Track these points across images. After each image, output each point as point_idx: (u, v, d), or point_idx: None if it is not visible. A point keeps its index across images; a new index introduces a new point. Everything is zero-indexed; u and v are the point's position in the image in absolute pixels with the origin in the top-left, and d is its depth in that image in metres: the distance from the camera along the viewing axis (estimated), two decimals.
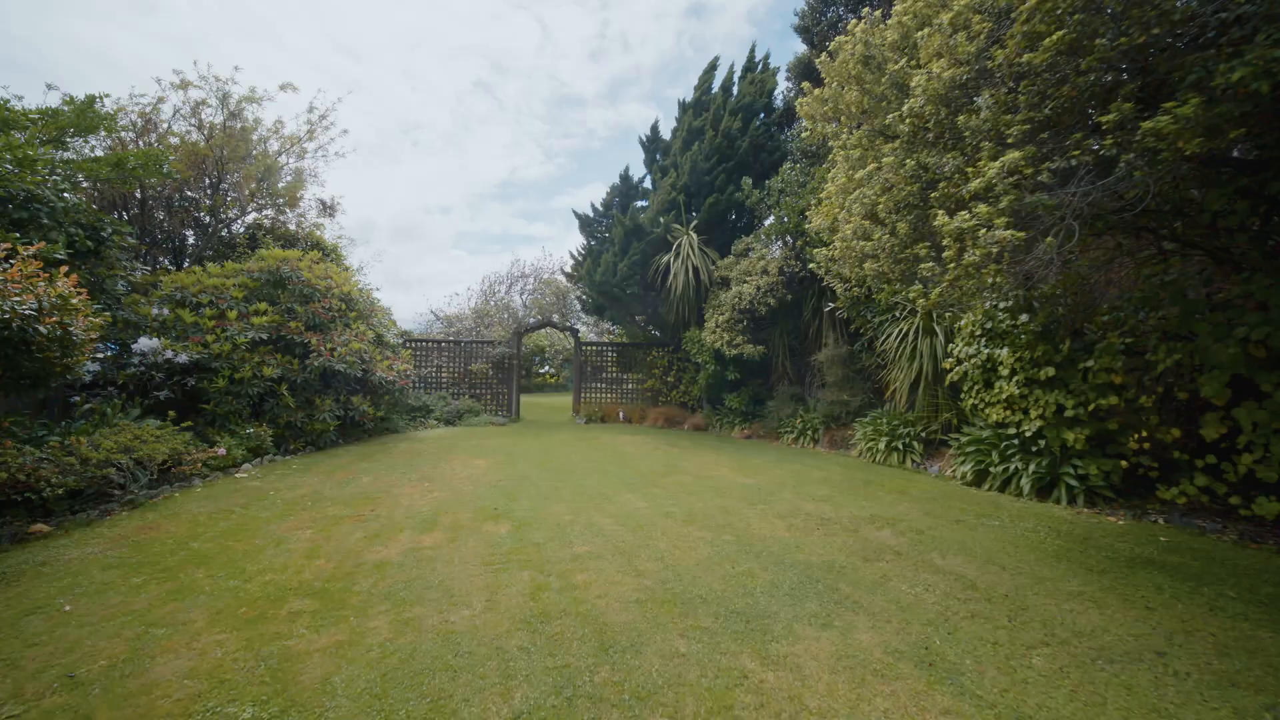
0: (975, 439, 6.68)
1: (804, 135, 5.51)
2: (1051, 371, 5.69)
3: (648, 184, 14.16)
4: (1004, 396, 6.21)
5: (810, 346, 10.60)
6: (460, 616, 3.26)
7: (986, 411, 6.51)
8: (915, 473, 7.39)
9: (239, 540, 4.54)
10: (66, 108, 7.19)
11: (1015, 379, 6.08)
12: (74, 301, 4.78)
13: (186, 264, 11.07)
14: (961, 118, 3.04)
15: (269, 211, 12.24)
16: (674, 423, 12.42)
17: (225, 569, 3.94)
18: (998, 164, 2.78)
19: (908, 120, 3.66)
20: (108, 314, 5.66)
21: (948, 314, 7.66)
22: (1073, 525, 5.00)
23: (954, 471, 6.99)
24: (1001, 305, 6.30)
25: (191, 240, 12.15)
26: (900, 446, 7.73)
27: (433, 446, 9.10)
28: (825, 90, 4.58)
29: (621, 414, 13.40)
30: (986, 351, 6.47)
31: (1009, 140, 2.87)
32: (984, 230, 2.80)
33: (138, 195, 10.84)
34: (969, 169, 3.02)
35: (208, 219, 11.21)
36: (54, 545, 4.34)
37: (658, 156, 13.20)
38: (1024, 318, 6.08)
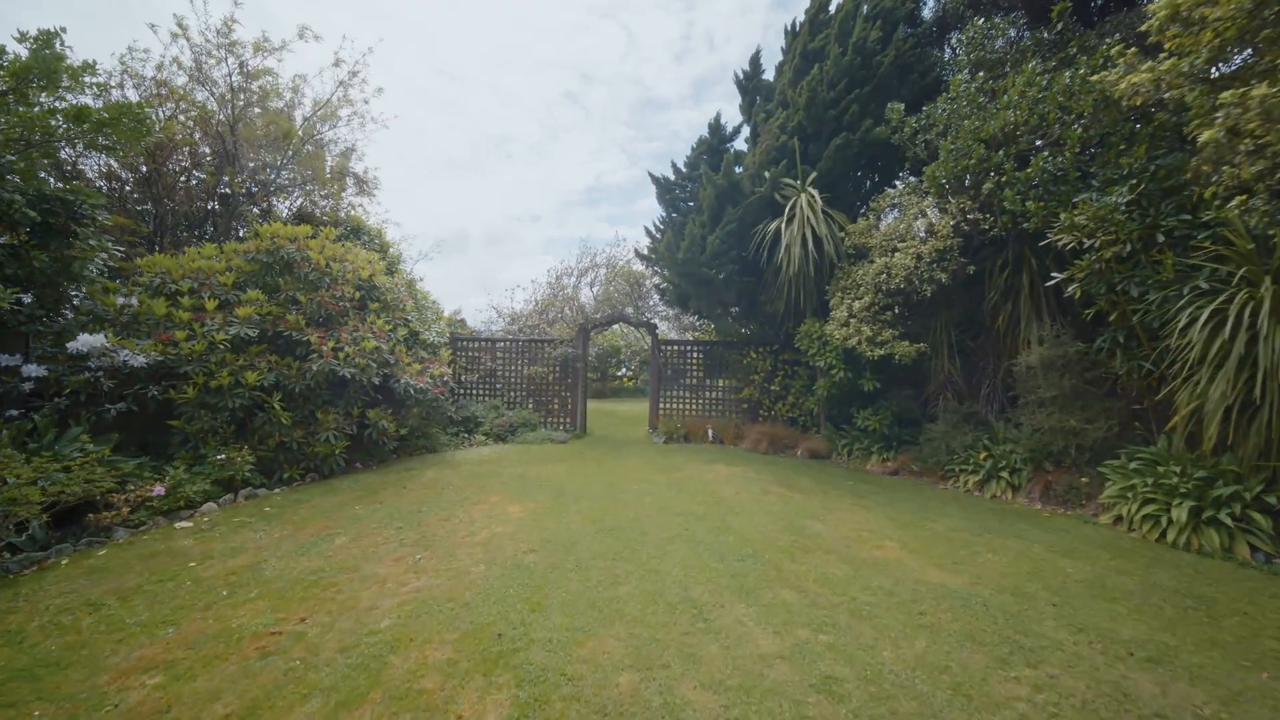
0: None
1: None
2: None
3: (741, 146, 11.18)
4: None
5: (994, 343, 7.21)
6: None
7: None
8: (1272, 574, 3.99)
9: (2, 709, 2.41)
10: (23, 46, 5.75)
11: None
12: None
13: None
14: None
15: (316, 189, 10.85)
16: (781, 446, 9.45)
17: None
18: None
19: None
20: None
21: None
22: None
23: None
24: None
25: (242, 232, 11.10)
26: (1227, 521, 4.32)
27: (465, 477, 6.92)
28: None
29: (710, 431, 10.62)
30: None
31: None
32: None
33: (182, 179, 9.83)
34: None
35: (252, 205, 9.95)
36: None
37: (757, 99, 10.27)
38: None
